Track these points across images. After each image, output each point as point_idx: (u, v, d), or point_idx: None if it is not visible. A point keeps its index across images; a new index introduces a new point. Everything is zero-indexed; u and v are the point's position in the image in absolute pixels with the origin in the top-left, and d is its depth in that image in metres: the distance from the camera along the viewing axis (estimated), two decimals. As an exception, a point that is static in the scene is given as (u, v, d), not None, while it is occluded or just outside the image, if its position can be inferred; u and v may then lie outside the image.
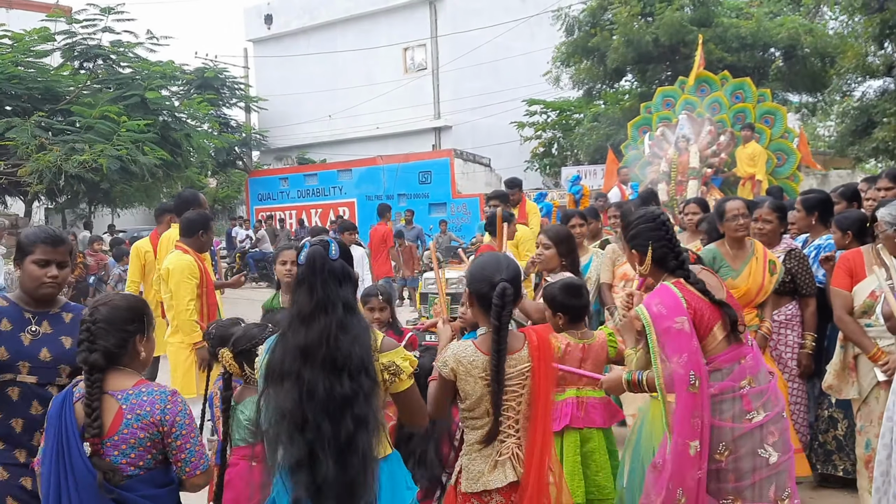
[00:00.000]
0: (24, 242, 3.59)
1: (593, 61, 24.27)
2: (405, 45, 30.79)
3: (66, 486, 2.99)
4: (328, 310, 3.00)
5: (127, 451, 3.02)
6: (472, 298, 3.46)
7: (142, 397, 3.06)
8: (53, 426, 3.07)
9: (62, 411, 3.06)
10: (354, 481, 2.93)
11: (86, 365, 3.04)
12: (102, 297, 3.34)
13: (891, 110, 14.54)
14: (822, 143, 28.39)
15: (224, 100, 29.63)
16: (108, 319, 3.12)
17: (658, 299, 3.77)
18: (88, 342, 3.06)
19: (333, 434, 2.91)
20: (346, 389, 2.93)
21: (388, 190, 25.56)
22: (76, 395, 3.10)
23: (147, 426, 3.02)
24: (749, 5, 24.21)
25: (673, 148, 14.63)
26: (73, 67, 20.23)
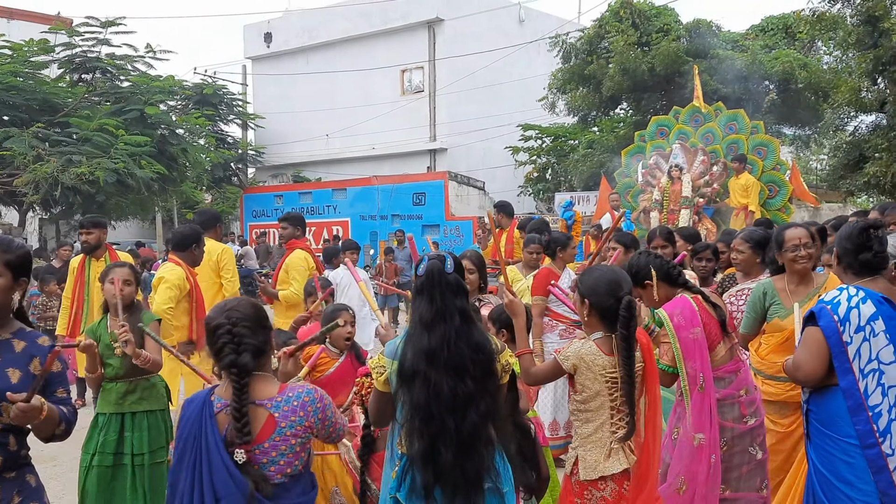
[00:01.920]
0: None
1: (589, 89, 24.43)
2: (403, 67, 30.94)
3: (200, 491, 2.98)
4: (446, 318, 3.28)
5: (276, 459, 3.02)
6: (593, 310, 3.80)
7: (292, 403, 3.06)
8: (191, 438, 3.03)
9: (202, 422, 3.02)
10: (476, 471, 3.21)
11: (234, 368, 3.01)
12: (224, 304, 3.22)
13: (882, 145, 14.64)
14: (814, 177, 28.57)
15: (221, 116, 29.72)
16: (248, 318, 3.12)
17: (679, 310, 4.44)
18: (234, 344, 3.04)
19: (456, 429, 3.19)
20: (469, 389, 3.21)
21: (382, 210, 25.61)
22: (217, 406, 3.05)
23: (300, 432, 3.05)
24: (745, 38, 24.45)
25: (666, 177, 14.71)
26: (72, 80, 20.29)
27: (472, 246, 16.02)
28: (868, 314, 3.74)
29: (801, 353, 3.85)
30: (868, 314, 3.74)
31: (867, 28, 14.80)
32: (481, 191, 26.79)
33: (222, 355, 3.05)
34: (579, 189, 24.56)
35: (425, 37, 30.48)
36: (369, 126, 29.59)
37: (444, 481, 3.20)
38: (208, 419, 3.02)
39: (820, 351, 3.77)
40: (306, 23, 33.52)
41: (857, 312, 3.75)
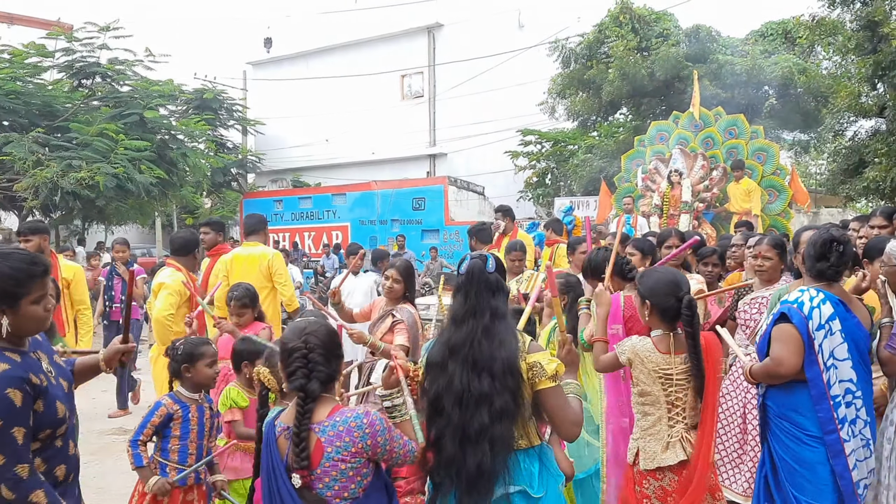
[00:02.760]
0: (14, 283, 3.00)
1: (589, 93, 24.45)
2: (403, 72, 31.01)
3: None
4: (476, 315, 3.35)
5: (331, 484, 3.01)
6: (655, 309, 4.01)
7: (338, 428, 3.02)
8: (265, 459, 3.12)
9: (268, 446, 3.11)
10: (478, 468, 3.20)
11: (303, 392, 3.03)
12: (303, 326, 3.20)
13: (882, 150, 14.63)
14: (813, 182, 28.57)
15: (221, 121, 29.74)
16: (324, 346, 3.13)
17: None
18: (306, 369, 3.06)
19: (461, 423, 3.22)
20: (484, 387, 3.22)
21: (382, 215, 25.63)
22: (278, 430, 3.10)
23: (348, 457, 3.01)
24: (744, 43, 24.45)
25: (665, 181, 14.72)
26: (72, 84, 20.29)
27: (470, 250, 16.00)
28: (827, 314, 4.14)
29: (782, 350, 4.14)
30: (827, 314, 4.14)
31: (867, 33, 14.82)
32: (481, 195, 26.81)
33: (293, 378, 3.06)
34: (579, 194, 24.57)
35: (425, 42, 30.54)
36: (369, 131, 29.62)
37: (446, 472, 3.28)
38: (271, 442, 3.09)
39: (798, 346, 4.11)
40: (306, 28, 33.57)
41: (818, 312, 4.16)
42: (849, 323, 4.19)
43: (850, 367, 4.16)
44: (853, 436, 4.11)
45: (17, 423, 2.80)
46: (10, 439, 2.77)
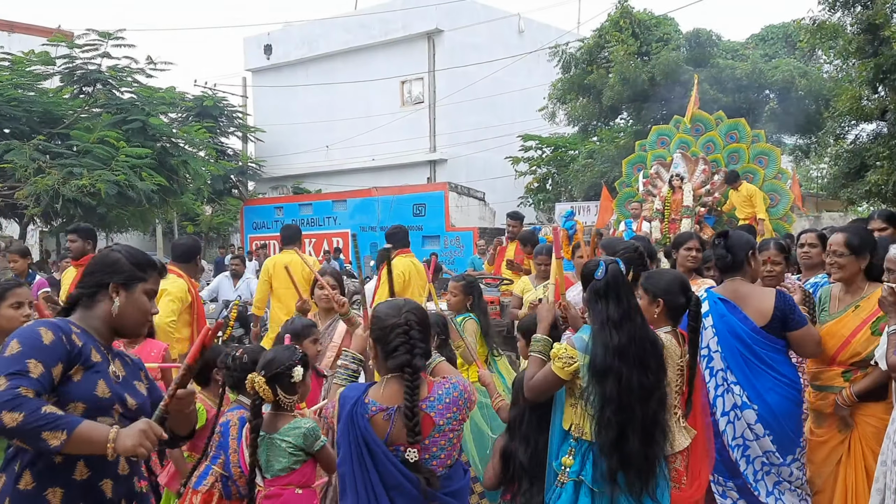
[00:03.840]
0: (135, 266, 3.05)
1: (589, 98, 24.45)
2: (403, 78, 30.98)
3: (371, 490, 3.09)
4: (631, 317, 3.65)
5: (437, 454, 3.12)
6: (666, 307, 4.15)
7: (444, 400, 3.14)
8: (350, 436, 3.12)
9: (356, 424, 3.11)
10: (655, 457, 3.59)
11: (409, 368, 3.10)
12: (399, 304, 3.28)
13: (884, 154, 14.59)
14: (814, 186, 28.57)
15: (222, 128, 29.75)
16: (421, 322, 3.23)
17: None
18: (408, 345, 3.12)
19: (642, 417, 3.53)
20: (650, 380, 3.59)
21: (383, 221, 25.59)
22: (371, 410, 3.11)
23: (456, 426, 3.15)
24: (745, 47, 24.48)
25: (667, 186, 14.70)
26: (73, 91, 20.30)
27: (473, 257, 15.99)
28: (703, 311, 4.60)
29: None
30: (703, 311, 4.60)
31: (867, 36, 14.78)
32: (481, 201, 26.80)
33: (396, 354, 3.12)
34: (580, 199, 24.57)
35: (425, 48, 30.52)
36: (369, 137, 29.61)
37: (629, 467, 3.52)
38: (360, 421, 3.10)
39: None
40: (306, 35, 33.59)
41: None
42: (727, 318, 4.78)
43: (721, 357, 4.77)
44: (736, 419, 4.73)
45: (35, 355, 2.72)
46: (24, 366, 2.67)
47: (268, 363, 4.01)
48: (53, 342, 2.77)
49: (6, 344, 2.74)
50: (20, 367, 2.67)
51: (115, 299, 2.98)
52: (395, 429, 3.07)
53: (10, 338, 2.76)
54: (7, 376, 2.63)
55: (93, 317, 3.00)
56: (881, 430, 4.48)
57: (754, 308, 4.78)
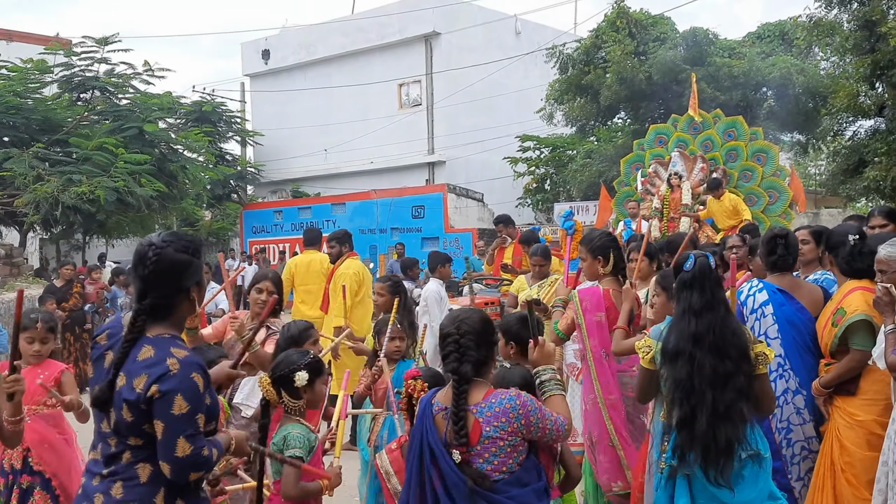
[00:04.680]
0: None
1: (587, 99, 24.43)
2: (400, 81, 30.99)
3: (429, 485, 3.28)
4: (713, 307, 3.88)
5: (490, 459, 3.22)
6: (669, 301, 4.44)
7: (494, 409, 3.24)
8: (418, 434, 3.36)
9: (423, 423, 3.35)
10: (727, 440, 3.74)
11: (456, 375, 3.27)
12: (458, 314, 3.45)
13: (882, 150, 14.57)
14: (813, 182, 28.55)
15: (220, 133, 29.75)
16: (475, 332, 3.34)
17: (588, 297, 5.37)
18: (458, 353, 3.28)
19: (713, 401, 3.72)
20: (728, 368, 3.77)
21: (382, 224, 25.61)
22: (435, 409, 3.33)
23: (505, 436, 3.22)
24: (742, 45, 24.46)
25: (665, 185, 14.72)
26: (71, 98, 20.30)
27: (472, 258, 15.99)
28: (761, 300, 5.09)
29: None
30: (761, 300, 5.09)
31: (864, 33, 14.77)
32: (480, 202, 26.80)
33: (447, 361, 3.32)
34: (578, 199, 24.55)
35: (422, 51, 30.53)
36: (367, 140, 29.62)
37: (697, 446, 3.74)
38: (428, 420, 3.33)
39: None
40: (303, 39, 33.61)
41: (753, 299, 5.13)
42: (785, 308, 5.03)
43: (780, 343, 5.00)
44: (786, 402, 5.00)
45: (200, 408, 2.86)
46: (197, 425, 2.83)
47: (276, 364, 4.02)
48: (204, 385, 2.89)
49: (171, 399, 2.79)
50: (195, 426, 2.83)
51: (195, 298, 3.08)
52: (450, 429, 3.26)
53: (170, 389, 2.79)
54: (188, 439, 2.79)
55: (179, 322, 3.08)
56: (853, 426, 4.68)
57: (808, 300, 5.10)
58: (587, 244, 5.74)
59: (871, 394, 4.70)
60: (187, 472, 2.82)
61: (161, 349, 2.86)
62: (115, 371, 2.91)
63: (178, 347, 2.91)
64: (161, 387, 2.78)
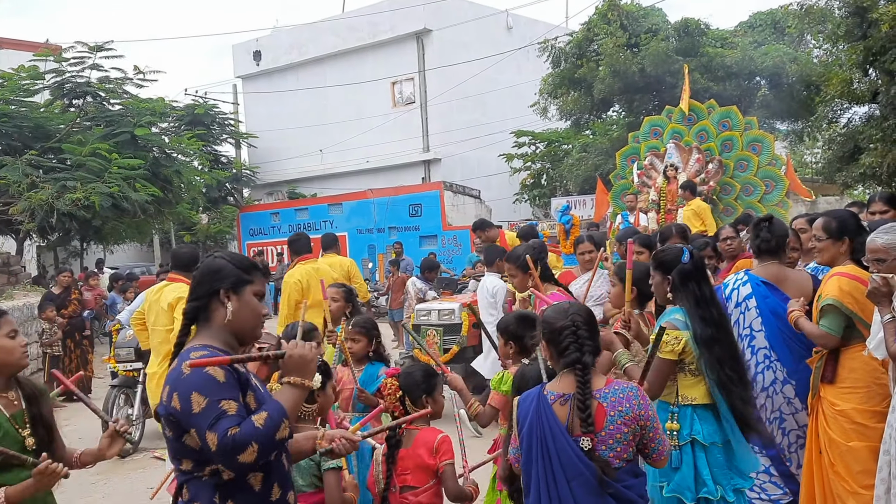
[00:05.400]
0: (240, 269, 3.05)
1: (580, 92, 24.41)
2: (393, 79, 30.98)
3: (552, 481, 3.31)
4: (714, 295, 4.35)
5: (613, 446, 3.28)
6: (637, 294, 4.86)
7: (618, 395, 3.34)
8: (534, 428, 3.36)
9: (540, 414, 3.36)
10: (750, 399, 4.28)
11: (579, 365, 3.33)
12: (566, 307, 3.55)
13: (877, 136, 14.57)
14: (809, 171, 28.55)
15: (214, 136, 29.71)
16: (587, 323, 3.46)
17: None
18: (577, 344, 3.37)
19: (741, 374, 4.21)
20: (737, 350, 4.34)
21: (379, 223, 25.60)
22: (550, 399, 3.37)
23: (629, 422, 3.29)
24: (734, 35, 24.45)
25: (661, 177, 14.73)
26: (63, 105, 20.24)
27: (471, 255, 15.97)
28: (745, 294, 5.13)
29: None
30: (745, 294, 5.13)
31: (855, 19, 14.77)
32: (477, 199, 26.80)
33: (567, 353, 3.37)
34: (575, 193, 24.56)
35: (414, 48, 30.53)
36: (362, 140, 29.61)
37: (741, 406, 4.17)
38: (546, 410, 3.34)
39: None
40: (295, 39, 33.60)
41: (737, 293, 5.17)
42: (769, 300, 5.06)
43: (765, 336, 5.05)
44: (776, 393, 5.06)
45: (223, 395, 2.73)
46: (219, 411, 2.69)
47: None
48: (226, 377, 2.78)
49: (189, 401, 2.71)
50: (217, 412, 2.69)
51: (228, 304, 2.97)
52: (572, 417, 3.30)
53: (185, 390, 2.73)
54: (211, 429, 2.66)
55: (218, 330, 2.98)
56: (834, 415, 4.72)
57: (795, 290, 5.05)
58: (514, 261, 5.83)
59: (849, 382, 4.71)
60: (233, 460, 2.67)
61: (183, 358, 2.83)
62: None
63: (198, 350, 2.86)
64: (180, 392, 2.74)
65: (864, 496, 4.47)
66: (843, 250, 4.90)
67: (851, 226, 4.95)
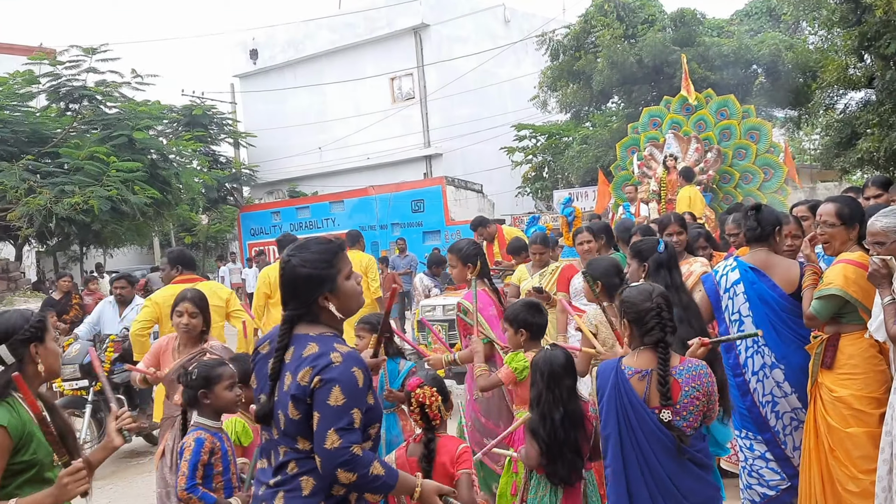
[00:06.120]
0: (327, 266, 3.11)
1: (579, 84, 24.41)
2: (392, 75, 30.96)
3: (636, 446, 3.64)
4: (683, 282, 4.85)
5: (686, 417, 3.60)
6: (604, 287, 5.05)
7: (691, 372, 3.65)
8: (612, 399, 3.68)
9: (618, 387, 3.67)
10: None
11: (662, 343, 3.62)
12: (649, 290, 3.78)
13: (874, 121, 14.57)
14: (807, 157, 28.54)
15: (213, 136, 29.68)
16: (669, 305, 3.75)
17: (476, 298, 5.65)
18: (661, 323, 3.64)
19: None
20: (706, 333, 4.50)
21: (382, 220, 25.57)
22: (628, 373, 3.66)
23: (700, 396, 3.61)
24: (730, 24, 24.44)
25: (661, 167, 14.72)
26: (59, 109, 20.21)
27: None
28: (733, 279, 5.23)
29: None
30: (733, 279, 5.23)
31: (850, 5, 14.76)
32: (479, 193, 26.77)
33: (651, 332, 3.65)
34: (577, 185, 24.58)
35: (412, 43, 30.49)
36: (362, 136, 29.59)
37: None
38: (624, 384, 3.66)
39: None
40: (291, 37, 33.54)
41: (725, 279, 5.27)
42: (757, 286, 5.15)
43: (752, 321, 5.12)
44: (766, 377, 5.12)
45: (357, 404, 2.88)
46: (350, 419, 2.84)
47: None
48: (364, 381, 2.93)
49: (329, 389, 2.84)
50: (348, 420, 2.84)
51: (330, 305, 3.07)
52: (650, 391, 3.62)
53: (330, 382, 2.85)
54: (338, 431, 2.81)
55: (328, 327, 3.10)
56: (833, 401, 4.76)
57: (781, 277, 5.15)
58: (457, 253, 5.94)
59: (847, 368, 4.74)
60: (334, 467, 2.82)
61: (325, 345, 2.96)
62: (273, 376, 3.00)
63: (342, 344, 3.00)
64: (323, 376, 2.86)
65: (864, 481, 4.53)
66: (853, 236, 4.90)
67: (860, 211, 4.97)
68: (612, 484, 3.74)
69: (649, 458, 3.61)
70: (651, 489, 3.64)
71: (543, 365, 4.22)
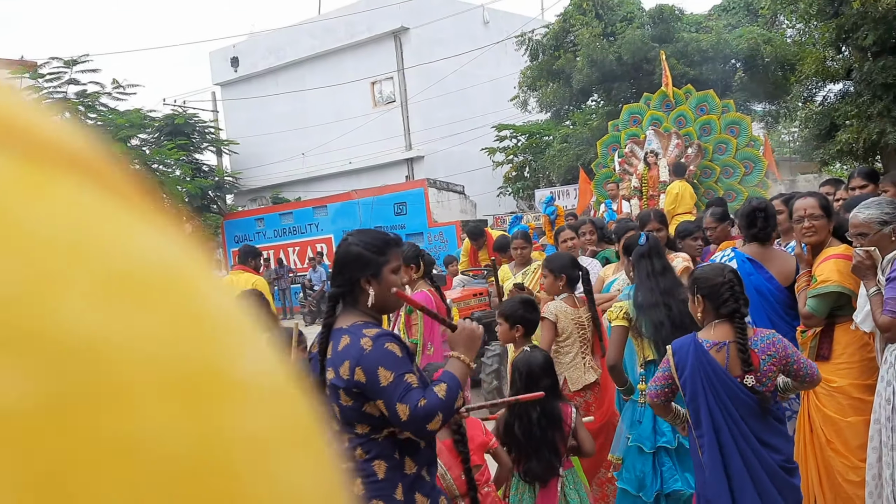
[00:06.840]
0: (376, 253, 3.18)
1: (559, 83, 24.49)
2: (372, 79, 30.96)
3: (725, 411, 3.83)
4: (669, 269, 5.00)
5: (765, 382, 3.84)
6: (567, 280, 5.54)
7: (765, 341, 3.88)
8: (697, 371, 3.85)
9: (699, 359, 3.85)
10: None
11: (738, 314, 3.85)
12: (721, 267, 4.05)
13: (852, 112, 14.70)
14: (787, 150, 28.73)
15: (195, 145, 29.60)
16: (739, 279, 3.96)
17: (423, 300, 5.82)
18: (734, 296, 3.85)
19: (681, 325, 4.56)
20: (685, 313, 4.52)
21: (365, 223, 25.52)
22: (706, 346, 3.86)
23: (776, 363, 3.85)
24: (708, 19, 24.58)
25: (642, 163, 14.80)
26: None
27: (457, 250, 16.02)
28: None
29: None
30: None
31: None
32: (461, 195, 26.80)
33: (727, 304, 3.86)
34: (558, 184, 24.62)
35: (392, 47, 30.52)
36: (344, 141, 29.58)
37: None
38: (705, 356, 3.85)
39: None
40: (272, 44, 33.50)
41: None
42: (753, 277, 5.22)
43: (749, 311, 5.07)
44: None
45: (406, 369, 2.97)
46: (406, 384, 2.92)
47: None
48: (402, 351, 3.02)
49: (376, 374, 2.93)
50: (405, 386, 2.93)
51: (370, 290, 3.15)
52: (730, 360, 3.83)
53: (370, 365, 2.95)
54: (403, 401, 2.90)
55: (364, 307, 3.18)
56: (831, 392, 4.74)
57: (778, 269, 5.30)
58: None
59: (844, 357, 4.75)
60: (423, 428, 2.92)
61: (355, 335, 3.04)
62: (321, 365, 3.10)
63: (369, 328, 3.08)
64: (364, 367, 2.95)
65: (864, 469, 4.48)
66: (831, 229, 4.95)
67: (832, 205, 5.16)
68: (707, 451, 3.91)
69: (738, 421, 3.82)
70: (743, 451, 3.84)
71: (523, 365, 4.39)
